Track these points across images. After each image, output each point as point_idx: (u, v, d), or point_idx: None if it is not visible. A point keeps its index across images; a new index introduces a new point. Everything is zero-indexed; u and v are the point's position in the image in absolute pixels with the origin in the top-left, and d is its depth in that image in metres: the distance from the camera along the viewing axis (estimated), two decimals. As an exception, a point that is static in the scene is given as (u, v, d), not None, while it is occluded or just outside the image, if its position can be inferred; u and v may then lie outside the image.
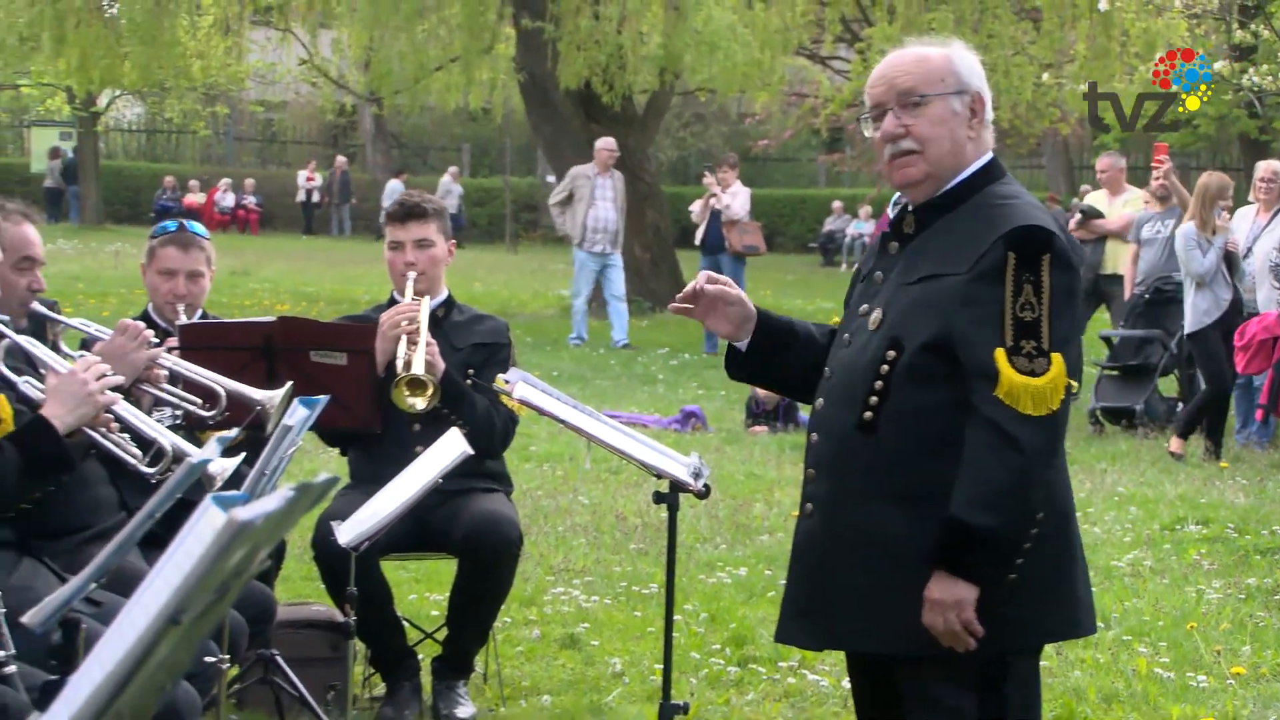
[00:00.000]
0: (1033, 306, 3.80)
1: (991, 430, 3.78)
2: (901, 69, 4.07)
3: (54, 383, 4.83)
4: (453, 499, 6.27)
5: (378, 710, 6.43)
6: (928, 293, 3.94)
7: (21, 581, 4.68)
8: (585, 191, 19.17)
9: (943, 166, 4.02)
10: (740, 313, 4.31)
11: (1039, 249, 3.84)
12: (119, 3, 24.56)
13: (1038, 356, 3.78)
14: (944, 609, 3.80)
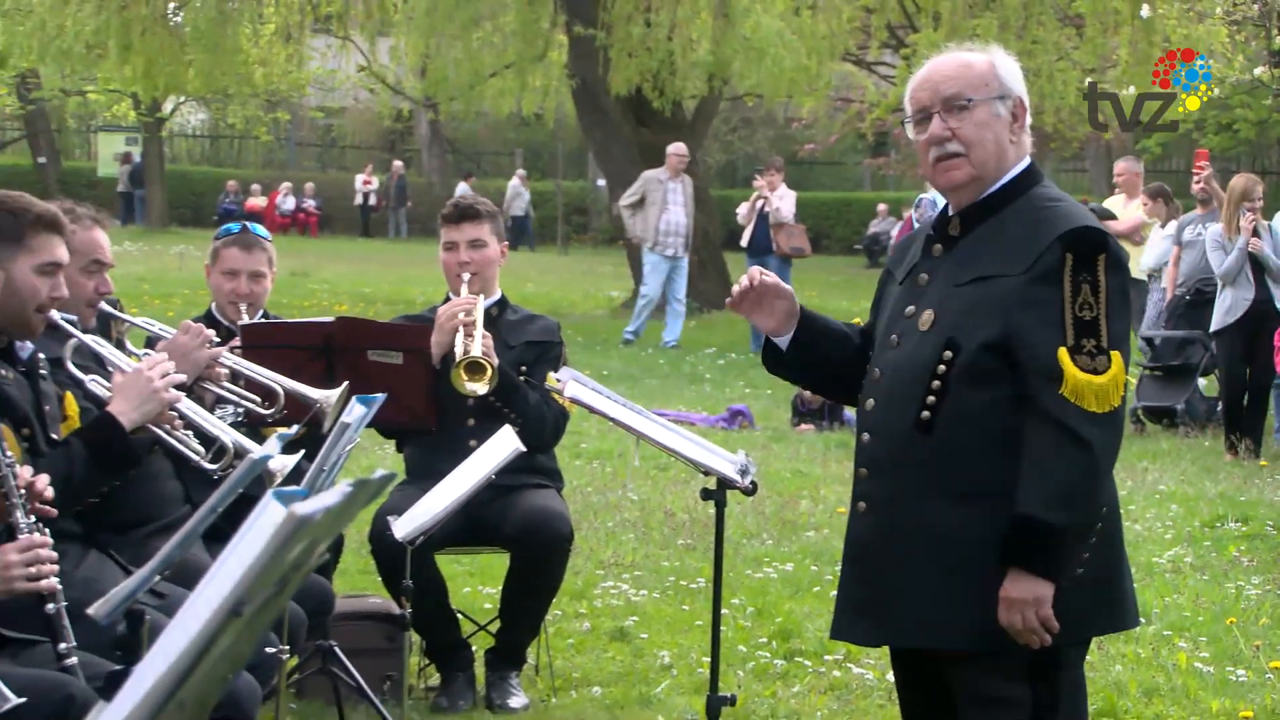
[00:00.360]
0: (1091, 306, 3.81)
1: (1058, 428, 3.78)
2: (946, 74, 4.07)
3: (120, 381, 4.87)
4: (506, 494, 6.28)
5: (432, 700, 6.45)
6: (982, 294, 3.93)
7: (88, 574, 4.70)
8: (657, 196, 19.10)
9: (986, 169, 4.01)
10: (786, 309, 4.30)
11: (1095, 250, 3.85)
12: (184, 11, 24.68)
13: (1098, 355, 3.78)
14: (1023, 606, 3.79)
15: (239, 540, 2.57)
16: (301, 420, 5.41)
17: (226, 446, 4.95)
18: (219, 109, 44.79)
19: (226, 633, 2.55)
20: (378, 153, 49.08)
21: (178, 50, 24.49)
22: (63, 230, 4.80)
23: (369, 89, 41.27)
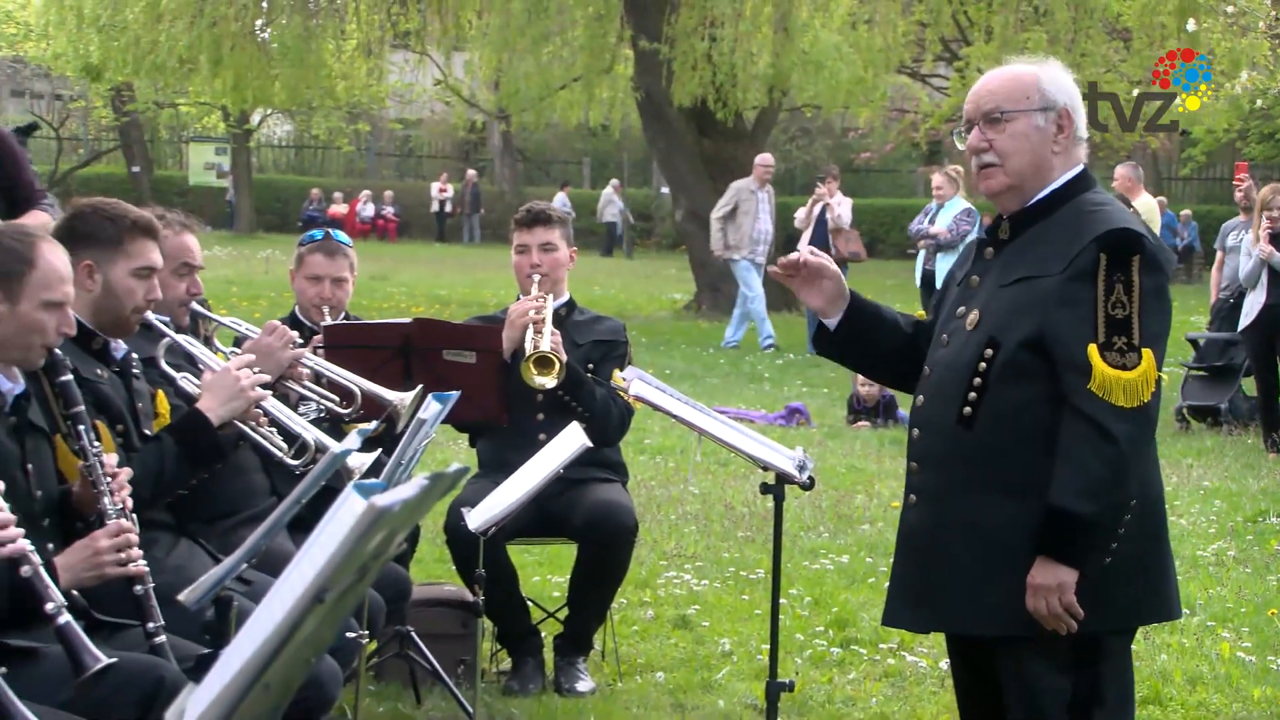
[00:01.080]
0: (1124, 305, 3.79)
1: (1087, 422, 3.77)
2: (989, 87, 4.08)
3: (209, 379, 4.91)
4: (574, 488, 6.30)
5: (504, 684, 6.47)
6: (1023, 294, 3.93)
7: (178, 561, 4.74)
8: (750, 205, 18.99)
9: (1023, 178, 4.01)
10: (834, 289, 4.31)
11: (1129, 251, 3.83)
12: (271, 28, 24.82)
13: (1129, 351, 3.77)
14: (1047, 593, 3.80)
15: (321, 530, 2.59)
16: (378, 418, 5.44)
17: (308, 443, 4.99)
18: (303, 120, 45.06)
19: (310, 618, 2.56)
20: (453, 162, 49.23)
21: (265, 65, 24.64)
22: (157, 236, 4.84)
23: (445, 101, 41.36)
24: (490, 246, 39.32)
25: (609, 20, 24.53)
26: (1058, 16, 22.45)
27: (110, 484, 4.12)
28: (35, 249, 4.10)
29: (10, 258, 4.07)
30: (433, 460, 9.32)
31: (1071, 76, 4.12)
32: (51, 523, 4.14)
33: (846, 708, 6.32)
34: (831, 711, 6.26)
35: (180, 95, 36.42)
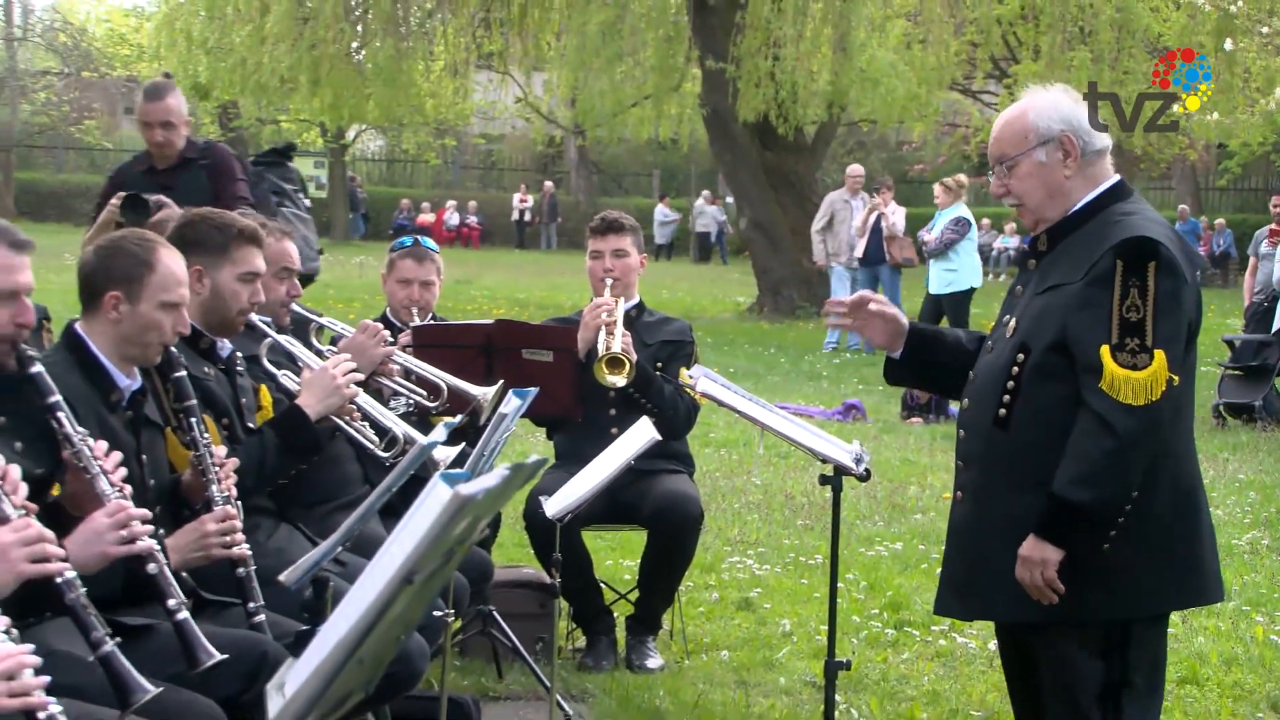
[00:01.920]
0: (1138, 308, 3.77)
1: (1093, 417, 3.77)
2: (995, 135, 4.12)
3: (308, 377, 4.94)
4: (644, 478, 6.30)
5: (579, 660, 6.48)
6: (1052, 300, 3.93)
7: (279, 544, 4.78)
8: (844, 214, 18.86)
9: (1043, 209, 4.03)
10: (894, 327, 4.34)
11: (1145, 257, 3.80)
12: (365, 50, 24.94)
13: (1140, 352, 3.74)
14: (1032, 565, 3.82)
15: (411, 517, 2.60)
16: (462, 412, 5.48)
17: (397, 436, 5.03)
18: (394, 136, 45.37)
19: (400, 598, 2.58)
20: (532, 174, 49.33)
21: (359, 85, 24.77)
22: (261, 243, 4.88)
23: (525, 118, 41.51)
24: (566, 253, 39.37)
25: (678, 41, 24.55)
26: (1101, 36, 22.27)
27: (217, 473, 4.16)
28: (155, 254, 4.14)
29: (132, 262, 4.11)
30: (513, 452, 9.34)
31: (1070, 98, 4.06)
32: (163, 509, 4.19)
33: (900, 686, 6.29)
34: (886, 689, 6.24)
35: (281, 113, 36.67)
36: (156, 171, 6.99)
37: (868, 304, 4.34)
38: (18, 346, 3.67)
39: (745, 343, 20.13)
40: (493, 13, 25.47)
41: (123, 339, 4.12)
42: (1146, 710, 3.94)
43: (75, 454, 3.64)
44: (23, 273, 3.71)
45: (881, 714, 5.93)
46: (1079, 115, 4.03)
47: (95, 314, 4.12)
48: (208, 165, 7.01)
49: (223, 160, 7.08)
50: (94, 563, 3.56)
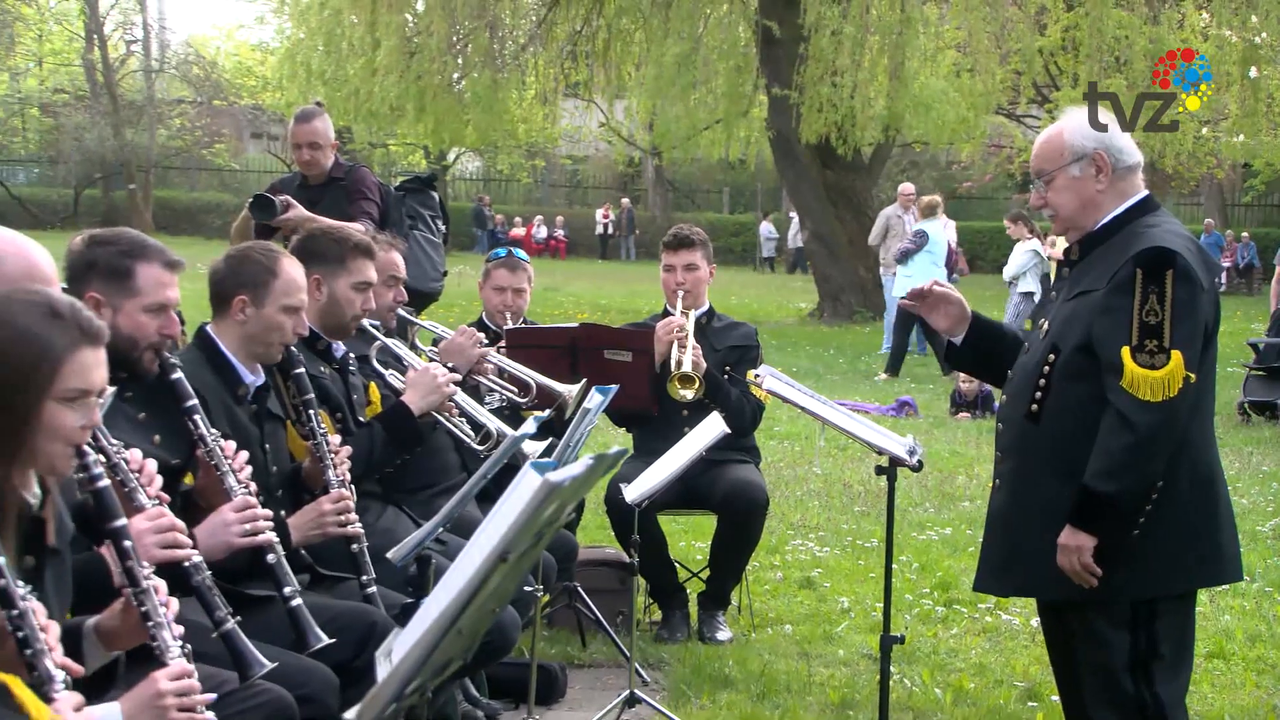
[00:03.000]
0: (1156, 312, 3.74)
1: (1115, 414, 3.75)
2: (1035, 151, 4.10)
3: (412, 376, 4.98)
4: (714, 467, 6.29)
5: (655, 632, 6.48)
6: (1080, 305, 3.91)
7: (387, 525, 4.81)
8: (898, 228, 18.72)
9: (1075, 220, 4.01)
10: (958, 313, 4.34)
11: (1164, 265, 3.77)
12: (465, 81, 25.05)
13: (1158, 353, 3.72)
14: (1069, 552, 3.81)
15: (504, 501, 2.61)
16: (550, 407, 5.50)
17: (491, 431, 5.06)
18: (490, 158, 45.59)
19: (495, 575, 2.59)
20: (612, 192, 49.40)
21: (459, 112, 24.90)
22: (374, 255, 4.92)
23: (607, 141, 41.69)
24: (643, 263, 39.40)
25: (746, 71, 24.51)
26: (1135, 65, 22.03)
27: (333, 459, 4.21)
28: (279, 262, 4.20)
29: (258, 269, 4.17)
30: (595, 443, 9.36)
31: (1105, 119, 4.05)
32: (284, 493, 4.23)
33: (949, 658, 6.26)
34: (937, 661, 6.20)
35: (390, 137, 36.98)
36: (308, 187, 7.06)
37: (934, 292, 4.34)
38: (161, 354, 3.72)
39: (807, 345, 20.05)
40: (579, 46, 25.54)
41: (249, 339, 4.16)
42: (1174, 679, 3.89)
43: (208, 453, 3.70)
44: (172, 289, 3.77)
45: (933, 684, 5.90)
46: (1112, 135, 4.00)
47: (224, 316, 4.18)
48: (346, 186, 7.07)
49: (358, 181, 7.13)
50: (219, 551, 3.61)
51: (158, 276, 3.73)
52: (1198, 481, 3.88)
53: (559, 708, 5.60)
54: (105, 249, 3.75)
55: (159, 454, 3.57)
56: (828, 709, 5.58)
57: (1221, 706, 5.70)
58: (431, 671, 2.69)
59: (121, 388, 3.73)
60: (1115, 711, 3.87)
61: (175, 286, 3.78)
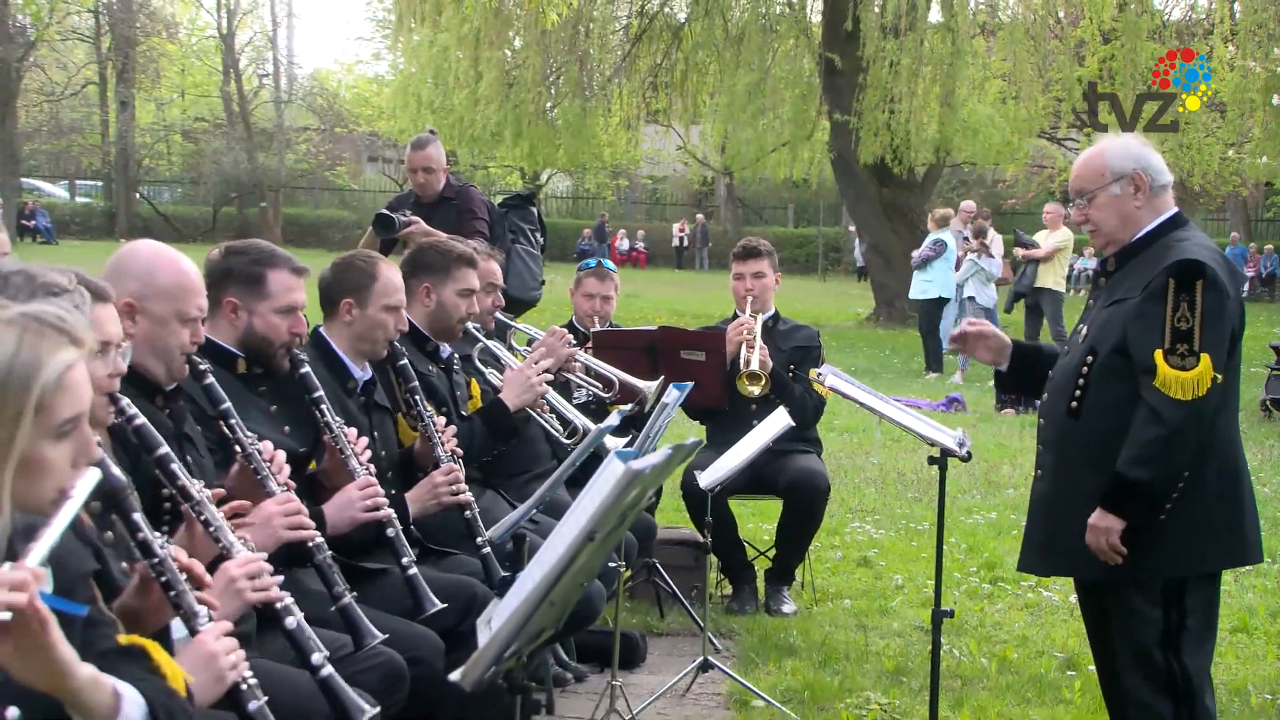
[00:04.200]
0: (1187, 319, 3.69)
1: (1148, 409, 3.70)
2: (1076, 172, 4.04)
3: (509, 375, 5.01)
4: (780, 457, 6.26)
5: (726, 605, 6.47)
6: (1116, 312, 3.86)
7: (485, 506, 4.82)
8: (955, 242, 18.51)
9: (1114, 235, 3.95)
10: (998, 344, 4.31)
11: (1194, 276, 3.72)
12: (556, 109, 25.15)
13: (1188, 356, 3.67)
14: (1098, 533, 3.77)
15: (591, 486, 2.61)
16: (631, 402, 5.51)
17: (578, 426, 5.08)
18: (579, 178, 45.71)
19: (583, 552, 2.59)
20: (688, 208, 49.31)
21: (551, 137, 25.02)
22: (477, 265, 4.95)
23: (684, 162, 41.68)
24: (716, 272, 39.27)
25: (810, 99, 24.44)
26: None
27: (441, 437, 4.25)
28: (377, 267, 4.25)
29: (361, 275, 4.22)
30: (672, 435, 9.36)
31: (1138, 142, 4.01)
32: (394, 475, 4.26)
33: (995, 631, 6.20)
34: (983, 634, 6.15)
35: (490, 160, 37.18)
36: (421, 205, 7.13)
37: (969, 329, 4.32)
38: (291, 351, 3.77)
39: (864, 346, 19.94)
40: (659, 77, 25.55)
41: (356, 337, 4.21)
42: (1200, 652, 3.84)
43: (334, 439, 3.73)
44: (300, 293, 3.82)
45: (979, 654, 5.84)
46: (1148, 156, 3.95)
47: (334, 318, 4.23)
48: (456, 204, 7.14)
49: (468, 200, 7.19)
50: (345, 526, 3.66)
51: (286, 282, 3.78)
52: (1224, 472, 3.82)
53: (639, 672, 5.61)
54: (240, 258, 3.81)
55: (288, 443, 3.61)
56: (883, 676, 5.55)
57: (1245, 676, 5.63)
58: (527, 638, 2.69)
59: (256, 382, 3.79)
60: (1146, 680, 3.81)
61: (302, 290, 3.83)
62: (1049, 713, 5.17)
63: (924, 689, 5.11)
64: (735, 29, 23.87)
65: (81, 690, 1.94)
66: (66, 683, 1.92)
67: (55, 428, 1.99)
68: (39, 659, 1.87)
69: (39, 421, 1.97)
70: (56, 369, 1.98)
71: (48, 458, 1.99)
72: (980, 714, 5.15)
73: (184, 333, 3.27)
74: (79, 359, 2.03)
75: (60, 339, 2.01)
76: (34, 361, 1.97)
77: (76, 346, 2.03)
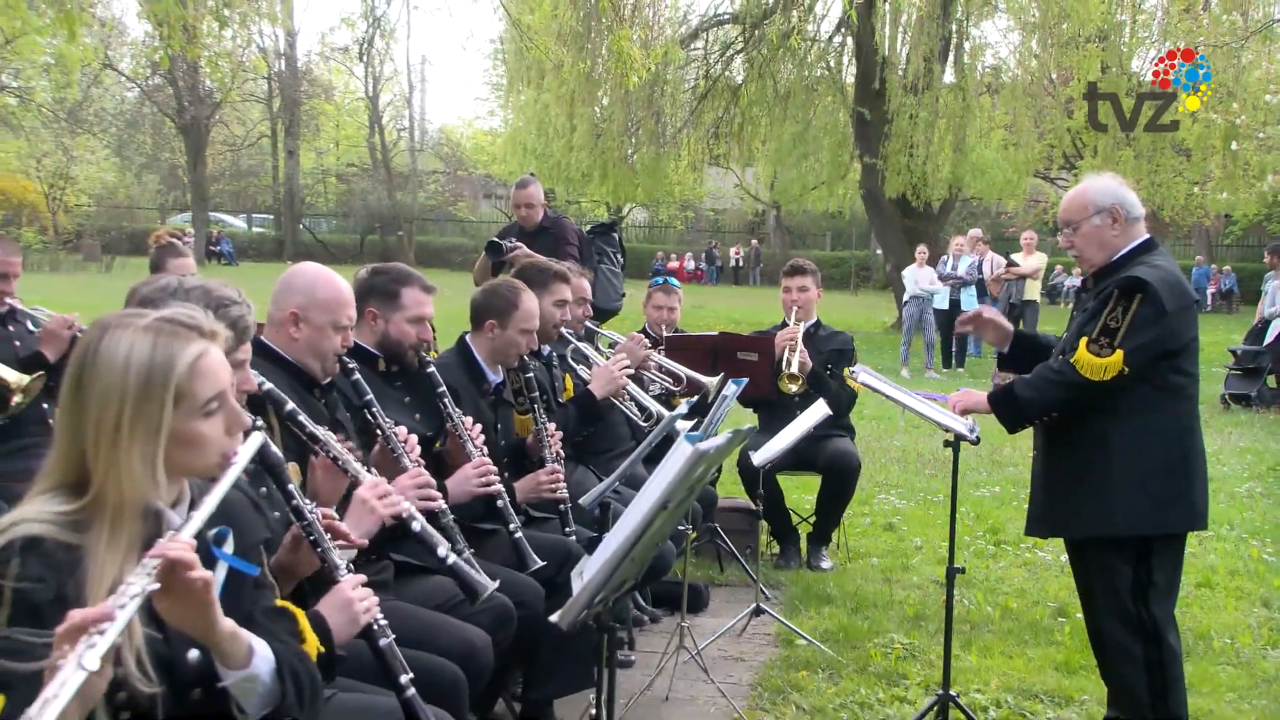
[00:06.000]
0: (1118, 320, 3.67)
1: (1056, 370, 3.76)
2: (1064, 204, 3.99)
3: (597, 370, 4.99)
4: (819, 440, 6.21)
5: (774, 561, 6.43)
6: (1083, 318, 3.84)
7: (577, 479, 4.84)
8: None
9: (1095, 260, 3.90)
10: (1003, 332, 4.25)
11: (1134, 290, 3.69)
12: (636, 154, 25.13)
13: (1106, 347, 3.66)
14: (968, 399, 4.08)
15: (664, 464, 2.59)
16: (696, 394, 5.47)
17: (653, 412, 5.05)
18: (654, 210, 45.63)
19: (658, 518, 2.57)
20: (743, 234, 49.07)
21: (631, 177, 25.03)
22: (569, 280, 4.95)
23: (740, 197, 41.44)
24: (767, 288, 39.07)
25: (845, 145, 24.29)
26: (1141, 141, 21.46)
27: (549, 440, 4.24)
28: (520, 297, 4.25)
29: (506, 302, 4.24)
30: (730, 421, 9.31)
31: (1116, 182, 3.94)
32: (509, 461, 4.27)
33: (998, 584, 6.11)
34: (988, 586, 6.06)
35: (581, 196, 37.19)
36: (524, 233, 7.17)
37: (983, 315, 4.28)
38: (419, 353, 3.79)
39: (889, 349, 19.73)
40: (720, 128, 25.42)
41: (493, 350, 4.23)
42: (1165, 601, 3.79)
43: (453, 425, 3.74)
44: (428, 306, 3.83)
45: (985, 603, 5.76)
46: (1124, 193, 3.90)
47: (479, 332, 4.25)
48: (553, 232, 7.18)
49: (562, 229, 7.20)
50: (463, 497, 3.67)
51: (417, 297, 3.80)
52: (1183, 453, 3.78)
53: (703, 615, 5.59)
54: (380, 277, 3.84)
55: (419, 428, 3.63)
56: (905, 620, 5.48)
57: (1208, 624, 5.51)
58: (612, 588, 2.68)
59: (392, 378, 3.82)
60: (1121, 624, 3.78)
61: (430, 304, 3.85)
62: (1043, 652, 5.09)
63: (939, 631, 5.06)
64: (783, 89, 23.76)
65: (222, 641, 1.94)
66: (212, 632, 1.91)
67: (200, 408, 1.98)
68: (195, 612, 1.87)
69: (184, 406, 1.96)
70: (188, 360, 1.97)
71: (202, 432, 1.98)
72: (986, 652, 5.08)
73: (337, 338, 3.29)
74: (210, 348, 2.01)
75: (190, 334, 1.99)
76: (168, 358, 1.95)
77: (207, 338, 2.02)
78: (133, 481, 1.89)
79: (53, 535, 1.85)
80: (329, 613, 2.38)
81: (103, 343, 1.94)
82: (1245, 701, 4.61)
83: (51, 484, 1.92)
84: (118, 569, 1.83)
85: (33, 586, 1.80)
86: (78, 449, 1.91)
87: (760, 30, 23.42)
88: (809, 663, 4.88)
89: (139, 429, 1.90)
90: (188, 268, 5.30)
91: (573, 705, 4.05)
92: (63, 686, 1.56)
